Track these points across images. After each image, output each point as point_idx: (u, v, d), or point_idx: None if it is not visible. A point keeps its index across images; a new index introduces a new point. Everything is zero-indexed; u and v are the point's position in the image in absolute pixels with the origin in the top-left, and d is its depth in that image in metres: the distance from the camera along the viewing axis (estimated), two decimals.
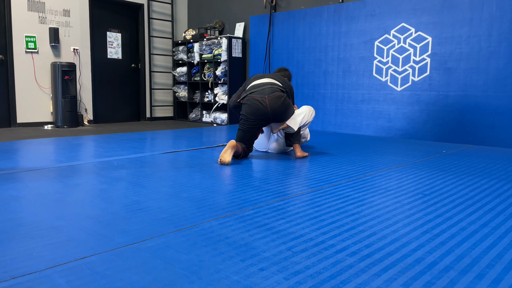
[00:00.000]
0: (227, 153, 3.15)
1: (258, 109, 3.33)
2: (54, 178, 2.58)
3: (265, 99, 3.33)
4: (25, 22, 6.01)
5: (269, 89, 3.40)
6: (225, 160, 3.11)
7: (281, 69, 3.96)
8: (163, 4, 7.65)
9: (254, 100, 3.35)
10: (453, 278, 1.31)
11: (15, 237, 1.57)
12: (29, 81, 6.11)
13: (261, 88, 3.41)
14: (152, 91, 7.59)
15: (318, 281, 1.27)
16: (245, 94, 3.46)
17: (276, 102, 3.35)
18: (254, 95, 3.38)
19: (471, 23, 4.55)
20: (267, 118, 3.37)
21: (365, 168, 3.09)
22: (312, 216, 1.90)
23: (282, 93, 3.43)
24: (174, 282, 1.24)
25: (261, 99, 3.33)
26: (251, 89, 3.47)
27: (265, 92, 3.38)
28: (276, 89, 3.42)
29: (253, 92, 3.41)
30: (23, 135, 5.07)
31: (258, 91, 3.40)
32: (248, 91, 3.48)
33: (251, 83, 3.56)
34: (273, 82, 3.50)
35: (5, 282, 1.22)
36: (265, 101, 3.32)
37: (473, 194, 2.38)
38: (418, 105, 5.00)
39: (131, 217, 1.84)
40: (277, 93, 3.39)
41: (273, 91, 3.39)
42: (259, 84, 3.48)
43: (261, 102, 3.33)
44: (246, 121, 3.37)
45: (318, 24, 5.84)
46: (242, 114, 3.42)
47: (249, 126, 3.37)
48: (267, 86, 3.43)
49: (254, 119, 3.35)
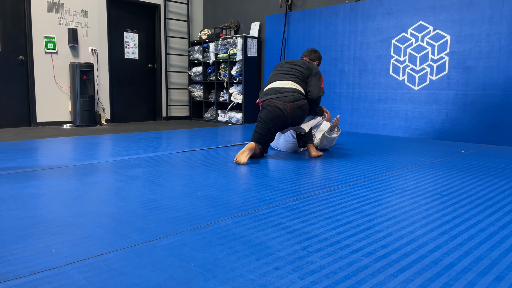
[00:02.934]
0: (244, 154, 3.18)
1: (278, 116, 3.29)
2: (72, 176, 2.63)
3: (287, 108, 3.28)
4: (45, 23, 6.13)
5: (291, 97, 3.31)
6: (240, 160, 3.13)
7: (310, 52, 3.80)
8: (179, 4, 7.71)
9: (275, 107, 3.29)
10: (471, 280, 1.28)
11: (35, 234, 1.61)
12: (48, 81, 6.23)
13: (283, 95, 3.32)
14: (168, 91, 7.66)
15: (333, 281, 1.26)
16: (266, 98, 3.38)
17: (297, 112, 3.31)
18: (276, 101, 3.30)
19: (491, 21, 4.46)
20: (285, 124, 3.36)
21: (381, 168, 3.06)
22: (328, 216, 1.89)
23: (304, 101, 3.36)
24: (189, 280, 1.25)
25: (282, 107, 3.28)
26: (273, 92, 3.38)
27: (287, 100, 3.30)
28: (299, 96, 3.34)
29: (274, 98, 3.33)
30: (43, 134, 5.17)
31: (279, 97, 3.32)
32: (269, 94, 3.39)
33: (274, 82, 3.46)
34: (297, 89, 3.38)
35: (25, 277, 1.25)
36: (286, 110, 3.27)
37: (493, 195, 2.34)
38: (436, 104, 4.93)
39: (147, 215, 1.86)
40: (300, 102, 3.32)
41: (296, 100, 3.31)
42: (282, 88, 3.37)
43: (282, 110, 3.28)
44: (264, 125, 3.34)
45: (334, 22, 5.80)
46: (261, 118, 3.37)
47: (267, 131, 3.34)
48: (290, 92, 3.33)
49: (272, 125, 3.33)
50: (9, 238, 1.56)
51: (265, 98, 3.40)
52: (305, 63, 3.55)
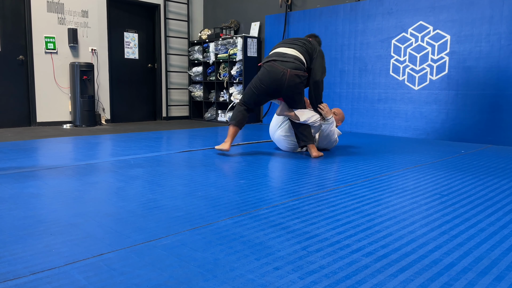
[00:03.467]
0: (227, 142, 3.47)
1: (275, 79, 3.26)
2: (72, 176, 2.63)
3: (286, 72, 3.23)
4: (45, 23, 6.13)
5: (293, 64, 3.28)
6: (223, 147, 3.46)
7: (312, 35, 3.80)
8: (179, 4, 7.71)
9: (275, 69, 3.26)
10: (472, 279, 1.28)
11: (35, 234, 1.61)
12: (48, 81, 6.23)
13: (285, 59, 3.29)
14: (168, 91, 7.66)
15: (333, 281, 1.26)
16: (268, 59, 3.35)
17: (295, 80, 3.26)
18: (277, 64, 3.28)
19: (491, 21, 4.46)
20: (279, 90, 3.32)
21: (381, 168, 3.06)
22: (327, 216, 1.89)
23: (305, 73, 3.33)
24: (189, 279, 1.25)
25: (282, 71, 3.24)
26: (276, 55, 3.34)
27: (288, 65, 3.27)
28: (300, 66, 3.30)
29: (276, 61, 3.30)
30: (43, 134, 5.17)
31: (281, 61, 3.28)
32: (271, 56, 3.36)
33: (277, 48, 3.44)
34: (299, 57, 3.35)
35: (25, 277, 1.25)
36: (285, 74, 3.23)
37: (493, 195, 2.34)
38: (436, 104, 4.93)
39: (147, 215, 1.86)
40: (300, 72, 3.27)
41: (297, 68, 3.28)
42: (285, 54, 3.35)
43: (281, 74, 3.24)
44: (258, 84, 3.36)
45: (334, 22, 5.80)
46: (257, 77, 3.37)
47: (259, 90, 3.38)
48: (292, 59, 3.30)
49: (265, 86, 3.32)
50: (9, 238, 1.56)
51: (267, 59, 3.39)
52: (309, 41, 3.56)
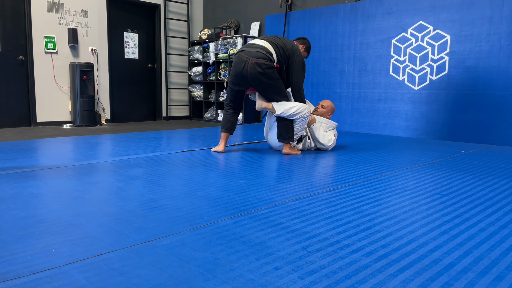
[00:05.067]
0: (221, 145, 3.63)
1: (239, 69, 3.36)
2: (72, 176, 2.63)
3: (248, 61, 3.31)
4: (45, 23, 6.13)
5: (258, 53, 3.34)
6: (218, 149, 3.63)
7: (300, 38, 3.86)
8: (179, 4, 7.71)
9: (239, 59, 3.37)
10: (472, 279, 1.28)
11: (35, 234, 1.61)
12: (48, 81, 6.23)
13: (251, 49, 3.39)
14: (168, 91, 7.66)
15: (333, 280, 1.26)
16: (237, 51, 3.49)
17: (257, 68, 3.30)
18: (242, 54, 3.38)
19: (491, 21, 4.46)
20: (244, 80, 3.39)
21: (381, 168, 3.06)
22: (328, 216, 1.89)
23: (270, 63, 3.34)
24: (189, 279, 1.25)
25: (245, 60, 3.33)
26: (245, 47, 3.46)
27: (252, 54, 3.34)
28: (265, 55, 3.33)
29: (243, 51, 3.41)
30: (43, 134, 5.17)
31: (247, 51, 3.38)
32: (240, 49, 3.49)
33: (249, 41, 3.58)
34: (267, 48, 3.38)
35: (25, 277, 1.25)
36: (247, 63, 3.31)
37: (493, 195, 2.34)
38: (436, 104, 4.93)
39: (147, 215, 1.86)
40: (263, 61, 3.31)
41: (261, 57, 3.32)
42: (253, 45, 3.44)
43: (243, 63, 3.33)
44: (231, 77, 3.51)
45: (334, 22, 5.80)
46: (230, 71, 3.51)
47: (233, 87, 3.52)
48: (257, 49, 3.37)
49: (234, 78, 3.44)
50: (9, 238, 1.56)
51: (237, 51, 3.54)
52: (291, 42, 3.59)
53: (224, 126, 3.65)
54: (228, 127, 3.64)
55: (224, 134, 3.65)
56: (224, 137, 3.66)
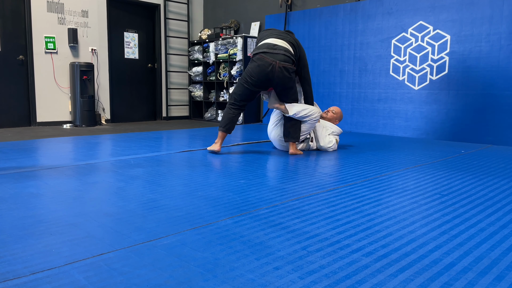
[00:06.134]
0: (217, 144, 3.57)
1: (265, 72, 3.30)
2: (72, 176, 2.63)
3: (276, 65, 3.27)
4: (45, 23, 6.13)
5: (283, 56, 3.32)
6: (214, 148, 3.56)
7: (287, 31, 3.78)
8: (179, 4, 7.71)
9: (265, 62, 3.29)
10: (472, 279, 1.28)
11: (35, 234, 1.61)
12: (48, 81, 6.23)
13: (275, 51, 3.32)
14: (168, 91, 7.65)
15: (333, 280, 1.26)
16: (258, 51, 3.38)
17: (284, 73, 3.30)
18: (267, 56, 3.31)
19: (491, 21, 4.46)
20: (269, 82, 3.36)
21: (381, 168, 3.06)
22: (328, 216, 1.89)
23: (294, 66, 3.38)
24: (189, 279, 1.25)
25: (272, 63, 3.28)
26: (266, 47, 3.38)
27: (278, 57, 3.30)
28: (290, 59, 3.34)
29: (266, 53, 3.33)
30: (43, 134, 5.17)
31: (271, 53, 3.31)
32: (261, 48, 3.39)
33: (265, 39, 3.46)
34: (288, 49, 3.38)
35: (25, 277, 1.25)
36: (275, 67, 3.27)
37: (493, 195, 2.34)
38: (436, 104, 4.93)
39: (147, 215, 1.86)
40: (289, 65, 3.32)
41: (287, 61, 3.32)
42: (275, 46, 3.38)
43: (270, 66, 3.28)
44: (249, 77, 3.39)
45: (334, 22, 5.80)
46: (247, 70, 3.40)
47: (250, 84, 3.41)
48: (282, 51, 3.33)
49: (256, 79, 3.36)
50: (9, 238, 1.56)
51: (257, 51, 3.41)
52: (296, 40, 3.59)
53: (224, 125, 3.59)
54: (229, 127, 3.59)
55: (222, 133, 3.60)
56: (221, 136, 3.61)
